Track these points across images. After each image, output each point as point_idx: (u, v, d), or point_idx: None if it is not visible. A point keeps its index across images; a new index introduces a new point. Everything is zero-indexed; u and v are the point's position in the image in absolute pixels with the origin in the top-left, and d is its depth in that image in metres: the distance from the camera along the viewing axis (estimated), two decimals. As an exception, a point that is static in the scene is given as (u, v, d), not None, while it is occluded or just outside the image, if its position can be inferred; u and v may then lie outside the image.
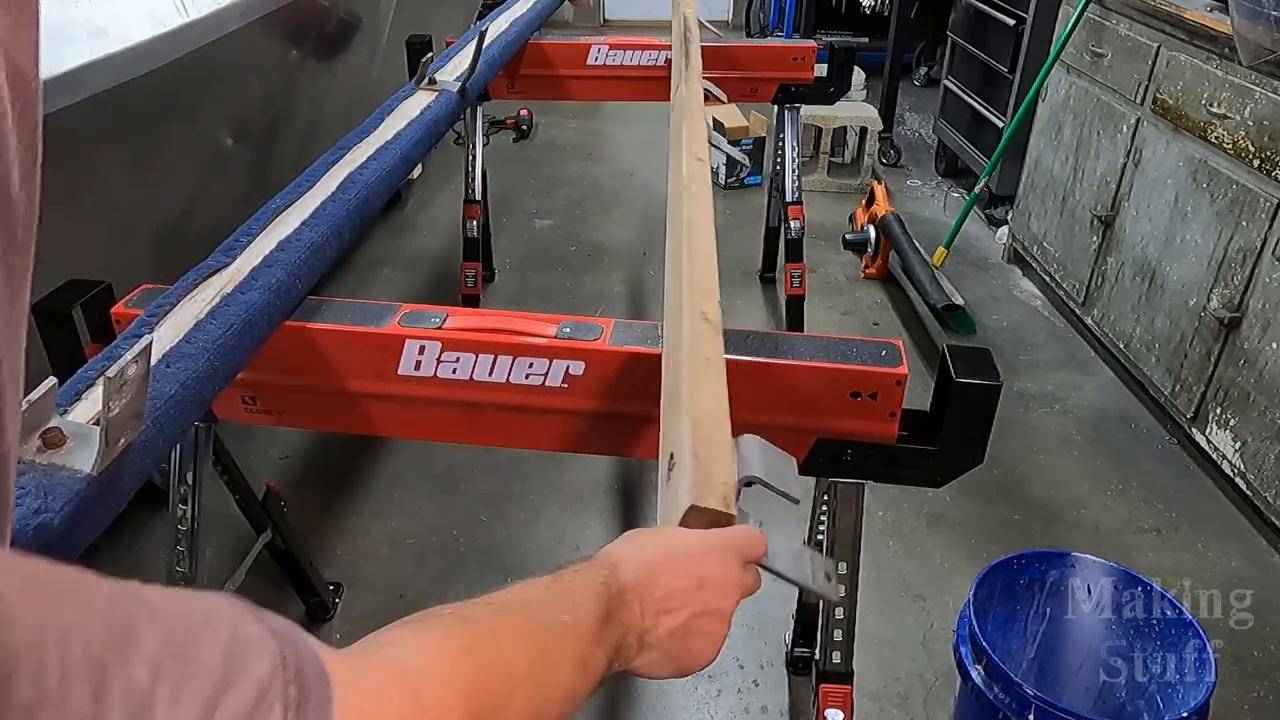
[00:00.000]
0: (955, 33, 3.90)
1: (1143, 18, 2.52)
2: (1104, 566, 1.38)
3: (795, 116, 2.66)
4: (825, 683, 1.29)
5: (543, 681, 0.52)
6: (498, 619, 0.53)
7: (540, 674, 0.52)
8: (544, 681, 0.52)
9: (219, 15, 1.66)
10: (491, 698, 0.47)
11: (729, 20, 6.85)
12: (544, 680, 0.52)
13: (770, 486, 0.72)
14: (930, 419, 1.11)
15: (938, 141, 4.20)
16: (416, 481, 2.23)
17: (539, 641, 0.53)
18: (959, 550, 2.07)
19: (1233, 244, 2.15)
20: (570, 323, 1.13)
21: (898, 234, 3.07)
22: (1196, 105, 2.28)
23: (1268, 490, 2.06)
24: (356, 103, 2.60)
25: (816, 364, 1.07)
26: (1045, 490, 2.27)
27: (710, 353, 0.85)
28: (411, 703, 0.42)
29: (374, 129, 1.52)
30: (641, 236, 3.58)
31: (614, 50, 2.55)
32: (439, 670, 0.46)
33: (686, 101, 1.57)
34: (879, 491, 2.07)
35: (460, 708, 0.45)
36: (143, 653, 0.30)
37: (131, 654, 0.30)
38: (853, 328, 2.97)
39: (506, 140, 4.57)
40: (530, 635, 0.53)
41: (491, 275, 3.20)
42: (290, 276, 1.06)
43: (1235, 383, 2.15)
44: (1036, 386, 2.66)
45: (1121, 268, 2.62)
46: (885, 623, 1.87)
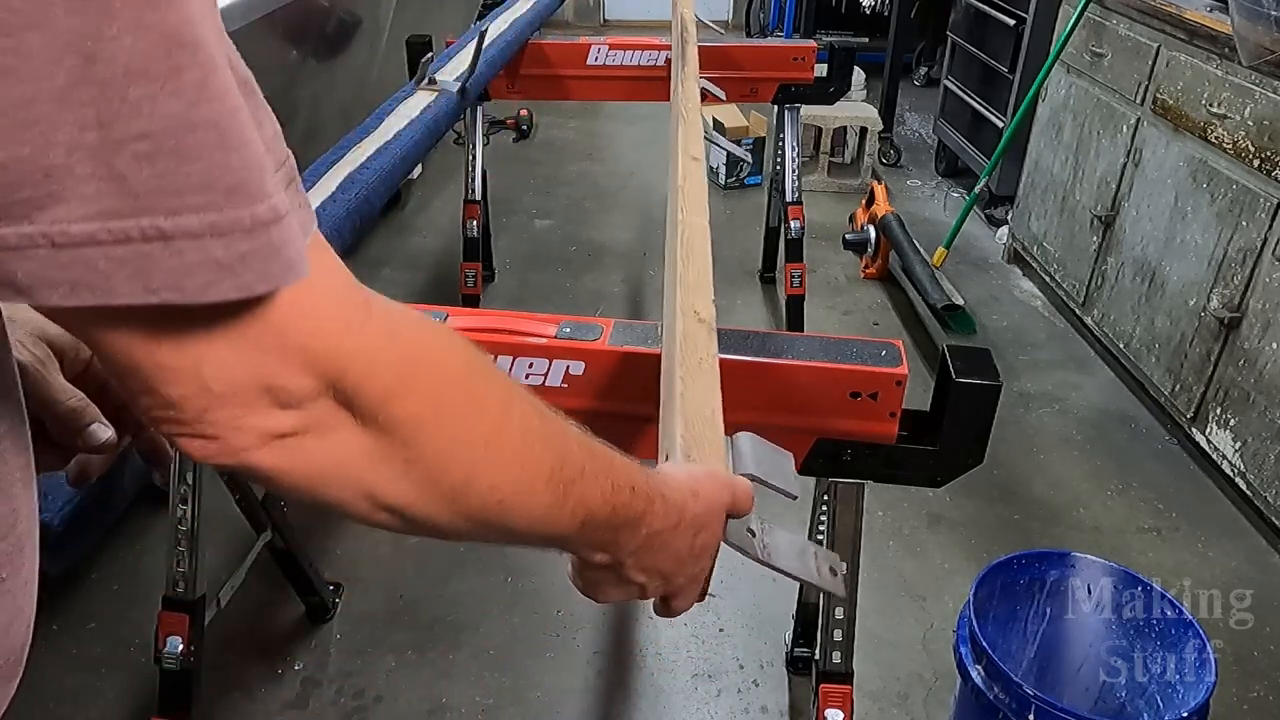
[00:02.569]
0: (955, 33, 3.90)
1: (1143, 18, 2.52)
2: (1104, 566, 1.38)
3: (795, 116, 2.66)
4: (825, 683, 1.29)
5: (505, 440, 0.48)
6: (505, 379, 0.51)
7: (507, 434, 0.48)
8: (506, 441, 0.48)
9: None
10: (440, 381, 0.45)
11: (729, 20, 6.85)
12: (507, 440, 0.48)
13: (766, 483, 0.72)
14: (930, 419, 1.11)
15: (938, 141, 4.20)
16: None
17: (529, 423, 0.50)
18: (959, 550, 2.07)
19: (1233, 244, 2.15)
20: (570, 323, 1.12)
21: (898, 234, 3.07)
22: (1196, 105, 2.28)
23: (1268, 490, 2.06)
24: (356, 103, 2.60)
25: (816, 364, 1.07)
26: (1045, 490, 2.27)
27: (703, 352, 0.85)
28: (362, 306, 0.41)
29: (374, 129, 1.52)
30: (641, 236, 3.58)
31: (614, 50, 2.55)
32: (405, 317, 0.44)
33: (682, 101, 1.57)
34: (879, 491, 2.07)
35: (405, 350, 0.43)
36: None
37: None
38: (853, 328, 2.97)
39: (506, 140, 4.57)
40: (523, 410, 0.50)
41: (491, 275, 3.20)
42: (290, 276, 1.06)
43: (1235, 383, 2.15)
44: (1036, 386, 2.66)
45: (1121, 268, 2.62)
46: (885, 623, 1.87)
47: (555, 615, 1.89)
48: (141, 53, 0.31)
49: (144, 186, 0.32)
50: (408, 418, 0.43)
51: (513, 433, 0.48)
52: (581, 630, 1.86)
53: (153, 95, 0.31)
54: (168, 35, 0.31)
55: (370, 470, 0.43)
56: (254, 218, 0.34)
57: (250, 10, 1.79)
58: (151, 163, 0.32)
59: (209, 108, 0.32)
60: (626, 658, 1.81)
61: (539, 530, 0.52)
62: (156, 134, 0.31)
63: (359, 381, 0.40)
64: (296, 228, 0.36)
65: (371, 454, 0.42)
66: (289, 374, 0.38)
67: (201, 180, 0.33)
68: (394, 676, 1.76)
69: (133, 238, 0.32)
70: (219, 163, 0.33)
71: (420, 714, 1.69)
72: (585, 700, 1.73)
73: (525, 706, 1.71)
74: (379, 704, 1.70)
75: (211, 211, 0.33)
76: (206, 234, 0.33)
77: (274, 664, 1.78)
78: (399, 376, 0.42)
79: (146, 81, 0.31)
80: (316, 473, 0.42)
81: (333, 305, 0.40)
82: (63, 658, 1.76)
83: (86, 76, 0.30)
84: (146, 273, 0.33)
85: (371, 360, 0.41)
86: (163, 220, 0.32)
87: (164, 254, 0.33)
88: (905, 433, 1.10)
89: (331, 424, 0.41)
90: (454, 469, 0.46)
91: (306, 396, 0.39)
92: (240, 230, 0.34)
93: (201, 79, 0.32)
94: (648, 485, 0.58)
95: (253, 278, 0.35)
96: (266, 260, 0.35)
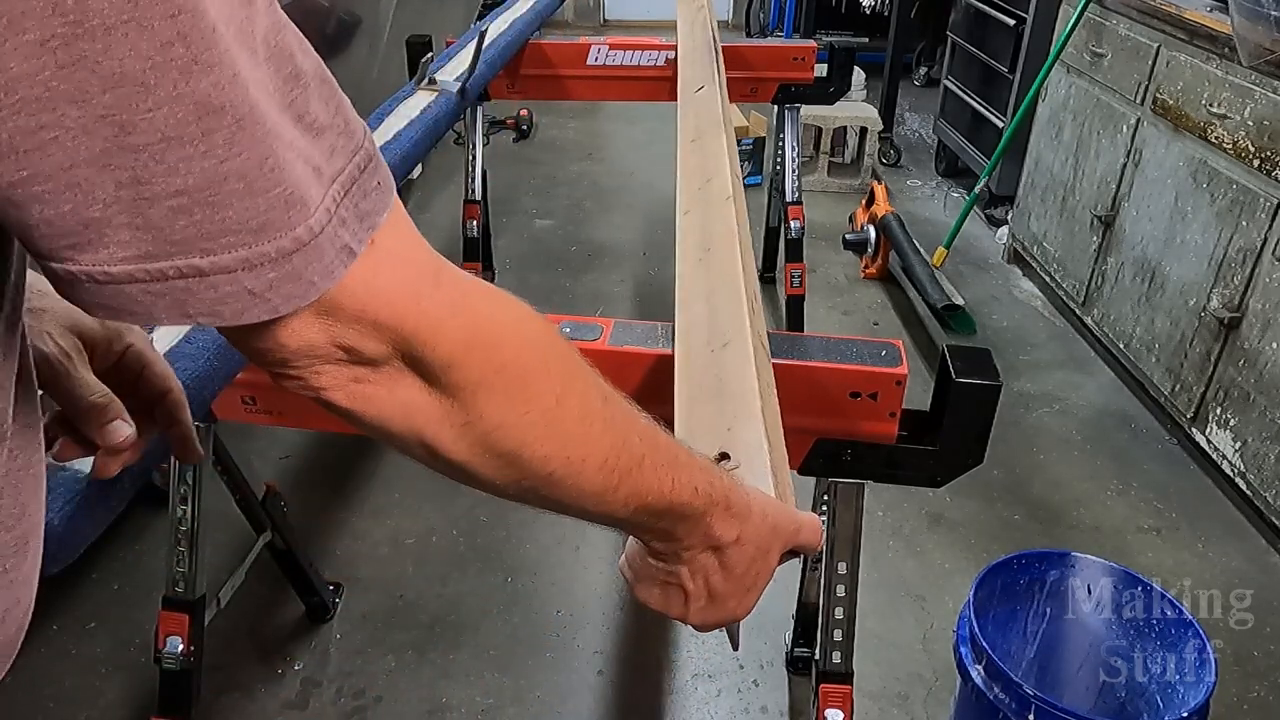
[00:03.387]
0: (955, 33, 3.90)
1: (1143, 18, 2.52)
2: (1104, 566, 1.38)
3: (795, 116, 2.66)
4: (825, 683, 1.29)
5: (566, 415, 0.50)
6: (579, 361, 0.52)
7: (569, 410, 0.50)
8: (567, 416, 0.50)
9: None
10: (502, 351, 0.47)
11: (729, 20, 6.85)
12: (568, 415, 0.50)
13: None
14: (930, 419, 1.11)
15: (938, 141, 4.20)
16: (416, 481, 2.23)
17: (592, 407, 0.52)
18: (959, 550, 2.07)
19: (1233, 244, 2.15)
20: (570, 323, 1.13)
21: (898, 234, 3.07)
22: (1196, 105, 2.28)
23: (1268, 490, 2.06)
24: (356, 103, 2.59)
25: (816, 364, 1.07)
26: (1045, 490, 2.27)
27: (766, 379, 0.88)
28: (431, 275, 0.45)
29: (374, 129, 1.52)
30: (642, 236, 3.58)
31: (614, 50, 2.55)
32: (472, 288, 0.47)
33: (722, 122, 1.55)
34: (879, 491, 2.07)
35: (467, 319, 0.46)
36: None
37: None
38: (853, 328, 2.97)
39: (506, 140, 4.57)
40: (591, 394, 0.52)
41: (491, 275, 3.20)
42: (290, 276, 1.06)
43: (1235, 383, 2.15)
44: (1036, 386, 2.66)
45: (1121, 268, 2.62)
46: (885, 623, 1.87)
47: (555, 615, 1.89)
48: (175, 122, 0.34)
49: (179, 234, 0.36)
50: (467, 385, 0.46)
51: (570, 413, 0.50)
52: (581, 630, 1.86)
53: (187, 158, 0.34)
54: (199, 103, 0.34)
55: (429, 425, 0.47)
56: (279, 250, 0.37)
57: (250, 10, 1.79)
58: (186, 214, 0.35)
59: (238, 161, 0.35)
60: (627, 658, 1.81)
61: (589, 508, 0.54)
62: (190, 189, 0.35)
63: (424, 348, 0.44)
64: (326, 245, 0.39)
65: (432, 412, 0.46)
66: (360, 339, 0.42)
67: (233, 224, 0.36)
68: (394, 676, 1.76)
69: (169, 276, 0.36)
70: (248, 207, 0.36)
71: (420, 714, 1.69)
72: (585, 700, 1.73)
73: (525, 706, 1.71)
74: (379, 704, 1.71)
75: (242, 249, 0.37)
76: (238, 268, 0.37)
77: (274, 664, 1.78)
78: (462, 345, 0.45)
79: (180, 146, 0.34)
80: (382, 416, 0.46)
81: (402, 279, 0.43)
82: (63, 658, 1.76)
83: (122, 144, 0.33)
84: (184, 303, 0.37)
85: (435, 330, 0.44)
86: (198, 259, 0.36)
87: (200, 288, 0.37)
88: (905, 433, 1.10)
89: (400, 380, 0.45)
90: (507, 438, 0.48)
91: (379, 356, 0.44)
92: (268, 261, 0.37)
93: (230, 137, 0.35)
94: (712, 490, 0.58)
95: (280, 301, 0.39)
96: (292, 283, 0.38)
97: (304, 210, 0.38)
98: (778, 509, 0.65)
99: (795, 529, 0.65)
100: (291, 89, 0.39)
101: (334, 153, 0.40)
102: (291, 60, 0.40)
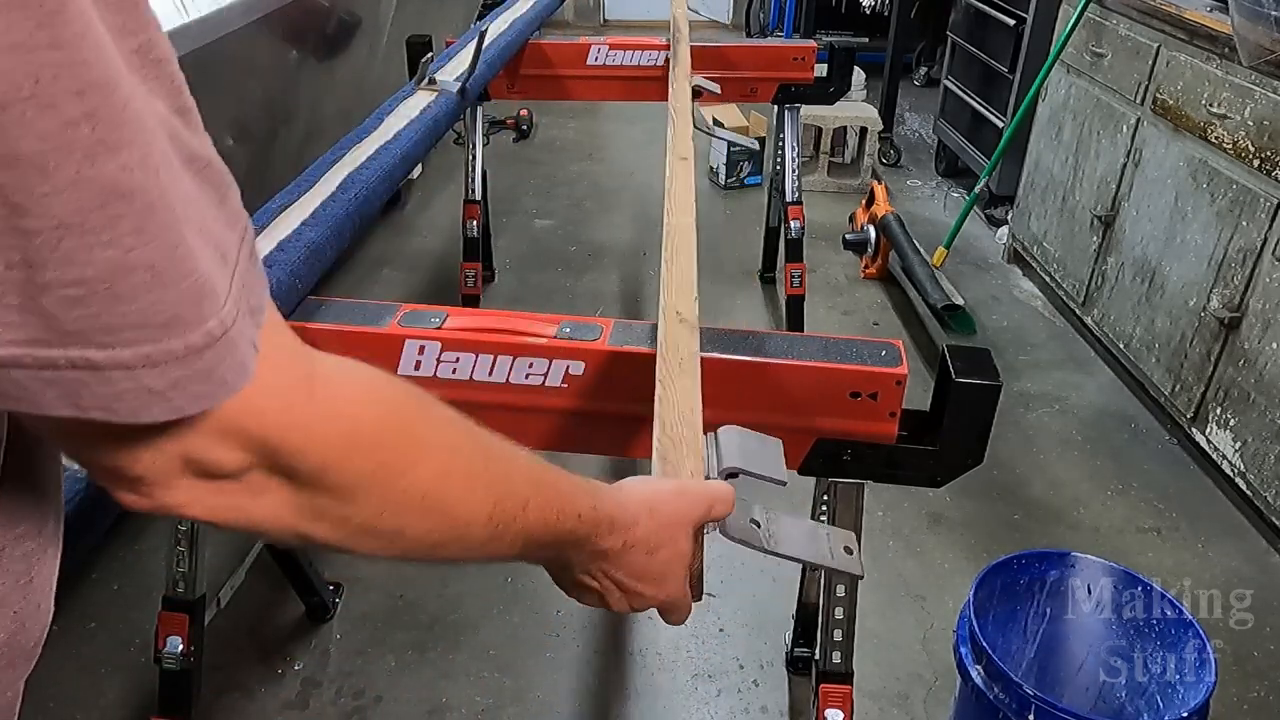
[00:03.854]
0: (955, 33, 3.90)
1: (1143, 18, 2.52)
2: (1104, 566, 1.38)
3: (795, 116, 2.66)
4: (825, 683, 1.29)
5: (446, 492, 0.49)
6: (452, 423, 0.51)
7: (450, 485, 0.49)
8: (447, 493, 0.49)
9: (219, 15, 1.66)
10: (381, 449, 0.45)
11: (729, 20, 6.85)
12: (448, 492, 0.49)
13: (752, 474, 0.72)
14: (930, 419, 1.11)
15: (938, 141, 4.20)
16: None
17: (472, 468, 0.51)
18: (959, 550, 2.07)
19: (1233, 244, 2.15)
20: (570, 323, 1.12)
21: (898, 234, 3.07)
22: (1196, 105, 2.28)
23: (1268, 490, 2.06)
24: (356, 103, 2.60)
25: (816, 364, 1.07)
26: (1045, 490, 2.27)
27: (684, 352, 0.86)
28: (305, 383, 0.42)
29: (374, 129, 1.52)
30: (641, 236, 3.58)
31: (614, 50, 2.55)
32: (348, 388, 0.45)
33: (673, 101, 1.58)
34: (879, 491, 2.07)
35: (344, 425, 0.43)
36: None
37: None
38: (853, 328, 2.97)
39: (506, 140, 4.57)
40: (467, 456, 0.51)
41: (491, 275, 3.20)
42: (290, 276, 1.06)
43: (1235, 383, 2.15)
44: (1036, 386, 2.66)
45: (1121, 268, 2.62)
46: (885, 623, 1.87)
47: (555, 615, 1.89)
48: (75, 209, 0.30)
49: (74, 325, 0.32)
50: (344, 485, 0.44)
51: (453, 485, 0.50)
52: (582, 630, 1.86)
53: (87, 246, 0.31)
54: (104, 188, 0.31)
55: (302, 522, 0.44)
56: (188, 346, 0.34)
57: (250, 10, 1.79)
58: (84, 305, 0.32)
59: (145, 251, 0.32)
60: (626, 658, 1.81)
61: (476, 557, 0.54)
62: (88, 280, 0.31)
63: (295, 456, 0.41)
64: (238, 338, 0.36)
65: (304, 510, 0.43)
66: (222, 452, 0.39)
67: (136, 318, 0.33)
68: (394, 676, 1.76)
69: (60, 365, 0.32)
70: (155, 300, 0.33)
71: (420, 714, 1.69)
72: (585, 700, 1.73)
73: (525, 706, 1.71)
74: (379, 704, 1.70)
75: (146, 344, 0.33)
76: (139, 365, 0.33)
77: (274, 664, 1.78)
78: (337, 451, 0.43)
79: (79, 235, 0.31)
80: (251, 523, 0.43)
81: (274, 391, 0.40)
82: (63, 658, 1.76)
83: (13, 226, 0.30)
84: (76, 394, 0.33)
85: (309, 437, 0.41)
86: (94, 353, 0.32)
87: (94, 381, 0.33)
88: (905, 433, 1.10)
89: (266, 487, 0.42)
90: (388, 522, 0.47)
91: (239, 469, 0.40)
92: (174, 359, 0.34)
93: (138, 225, 0.32)
94: (596, 512, 0.59)
95: (185, 401, 0.35)
96: (200, 383, 0.35)
97: (214, 302, 0.35)
98: (672, 500, 0.65)
99: (704, 509, 0.66)
100: (199, 159, 0.36)
101: (235, 238, 0.37)
102: (198, 127, 0.36)
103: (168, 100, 0.35)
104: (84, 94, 0.30)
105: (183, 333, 0.34)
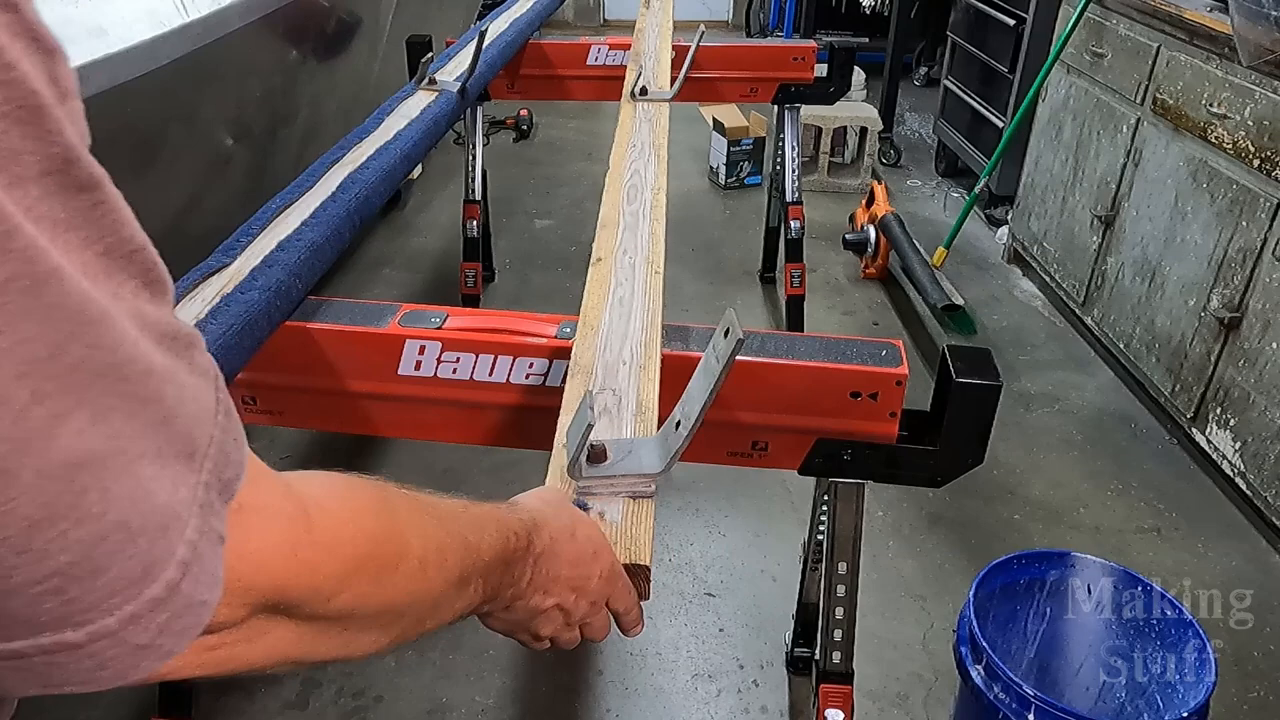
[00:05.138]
0: (955, 33, 3.90)
1: (1143, 18, 2.52)
2: (1104, 566, 1.38)
3: (795, 116, 2.66)
4: (825, 683, 1.29)
5: (428, 574, 0.51)
6: (410, 504, 0.54)
7: (428, 566, 0.51)
8: (429, 574, 0.51)
9: (219, 15, 1.66)
10: (377, 560, 0.46)
11: (729, 20, 6.85)
12: (429, 573, 0.51)
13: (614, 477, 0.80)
14: (930, 419, 1.11)
15: (938, 141, 4.20)
16: (416, 481, 2.19)
17: (438, 540, 0.53)
18: (959, 550, 2.07)
19: (1233, 244, 2.15)
20: (570, 323, 1.13)
21: (898, 234, 3.07)
22: (1196, 105, 2.28)
23: (1268, 490, 2.06)
24: (356, 103, 2.60)
25: (816, 364, 1.07)
26: (1045, 490, 2.27)
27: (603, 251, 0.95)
28: (302, 519, 0.41)
29: (374, 129, 1.52)
30: (641, 236, 3.58)
31: (614, 50, 2.55)
32: (340, 511, 0.45)
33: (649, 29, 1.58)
34: (879, 491, 2.07)
35: (346, 550, 0.44)
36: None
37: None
38: (853, 328, 2.97)
39: (506, 140, 4.57)
40: (431, 532, 0.53)
41: (491, 275, 3.20)
42: (290, 276, 1.06)
43: (1235, 383, 2.15)
44: (1036, 386, 2.66)
45: (1121, 268, 2.62)
46: (885, 623, 1.87)
47: (555, 615, 1.89)
48: (42, 502, 0.28)
49: (48, 615, 0.29)
50: (346, 609, 0.44)
51: (430, 567, 0.51)
52: (581, 630, 1.86)
53: (61, 534, 0.28)
54: (68, 464, 0.28)
55: (303, 649, 0.44)
56: (167, 585, 0.31)
57: (250, 10, 1.79)
58: (58, 594, 0.29)
59: (117, 509, 0.29)
60: (626, 657, 1.81)
61: (449, 619, 0.56)
62: (63, 569, 0.28)
63: (300, 595, 0.40)
64: (206, 551, 0.33)
65: (305, 639, 0.43)
66: (225, 614, 0.36)
67: (117, 584, 0.30)
68: (394, 676, 1.76)
69: (28, 654, 0.29)
70: (130, 555, 0.30)
71: (420, 714, 1.69)
72: (585, 700, 1.73)
73: (525, 706, 1.71)
74: (379, 704, 1.70)
75: (128, 605, 0.30)
76: (122, 629, 0.30)
77: (274, 664, 1.78)
78: (339, 579, 0.43)
79: (49, 526, 0.28)
80: (249, 665, 0.41)
81: (275, 542, 0.38)
82: (63, 658, 1.76)
83: None
84: (46, 676, 0.30)
85: (313, 573, 0.41)
86: (70, 634, 0.29)
87: (72, 660, 0.30)
88: (905, 433, 1.10)
89: (265, 629, 0.40)
90: (384, 625, 0.49)
91: (238, 620, 0.38)
92: (157, 605, 0.31)
93: (105, 490, 0.29)
94: (521, 522, 0.63)
95: (173, 642, 0.32)
96: (185, 615, 0.32)
97: (179, 522, 0.31)
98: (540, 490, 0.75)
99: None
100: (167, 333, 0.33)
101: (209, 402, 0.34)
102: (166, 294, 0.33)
103: (139, 280, 0.32)
104: (26, 376, 0.27)
105: (159, 573, 0.31)
